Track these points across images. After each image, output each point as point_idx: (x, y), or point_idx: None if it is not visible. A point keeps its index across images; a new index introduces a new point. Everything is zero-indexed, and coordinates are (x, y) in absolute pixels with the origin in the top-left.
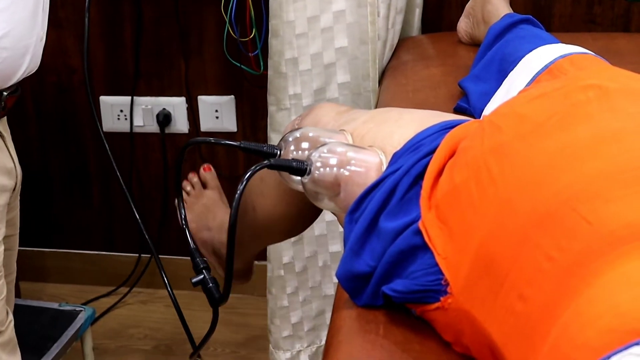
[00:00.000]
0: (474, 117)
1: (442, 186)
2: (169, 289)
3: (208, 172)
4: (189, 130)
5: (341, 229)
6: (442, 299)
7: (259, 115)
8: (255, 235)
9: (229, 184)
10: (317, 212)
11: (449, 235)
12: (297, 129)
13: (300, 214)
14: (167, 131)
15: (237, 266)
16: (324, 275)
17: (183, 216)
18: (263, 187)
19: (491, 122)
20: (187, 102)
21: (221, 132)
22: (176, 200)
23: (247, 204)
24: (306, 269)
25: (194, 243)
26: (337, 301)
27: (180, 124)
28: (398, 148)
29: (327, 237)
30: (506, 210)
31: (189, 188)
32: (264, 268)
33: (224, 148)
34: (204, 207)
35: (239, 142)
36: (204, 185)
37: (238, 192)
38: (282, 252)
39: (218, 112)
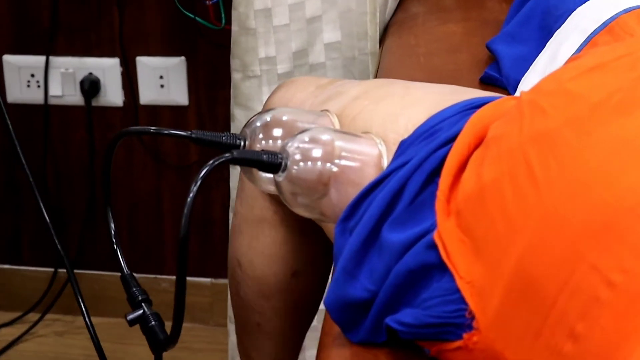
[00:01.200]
0: (508, 92)
1: (466, 186)
2: (85, 316)
3: None
4: (123, 102)
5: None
6: (465, 335)
7: (218, 84)
8: (260, 313)
9: (179, 177)
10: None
11: (475, 251)
12: (266, 111)
13: (303, 246)
14: (94, 103)
15: None
16: None
17: (113, 232)
18: (237, 221)
19: (532, 102)
20: (121, 64)
21: (168, 106)
22: (105, 209)
23: (232, 267)
24: None
25: (128, 269)
26: (324, 337)
27: (113, 94)
28: (405, 135)
29: None
30: (552, 220)
31: None
32: (223, 288)
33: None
34: None
35: (189, 132)
36: None
37: (189, 196)
38: None
39: (163, 79)
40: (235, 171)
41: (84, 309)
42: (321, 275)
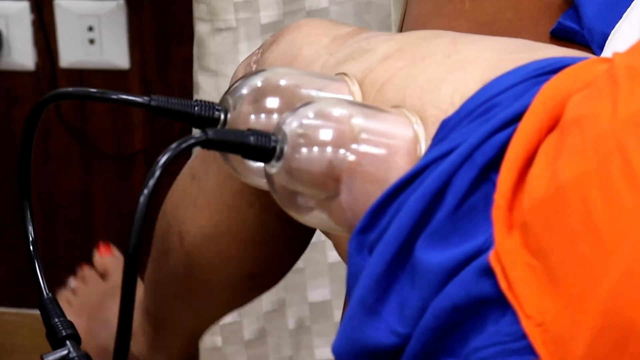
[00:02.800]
0: (591, 51)
1: (535, 187)
2: None
3: (107, 257)
4: (36, 65)
5: (337, 260)
6: None
7: (173, 39)
8: (186, 292)
9: (116, 171)
10: (307, 233)
11: (549, 280)
12: (256, 72)
13: (269, 239)
14: None
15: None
16: (298, 347)
17: (32, 236)
18: (195, 193)
19: (631, 69)
20: (32, 10)
21: (100, 70)
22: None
23: (169, 232)
24: (264, 334)
25: (49, 292)
26: None
27: (21, 53)
28: (450, 111)
29: (304, 274)
30: None
31: (74, 284)
32: None
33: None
34: (101, 300)
35: (146, 98)
36: (102, 275)
37: (144, 192)
38: None
39: (93, 32)
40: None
41: None
42: (282, 275)
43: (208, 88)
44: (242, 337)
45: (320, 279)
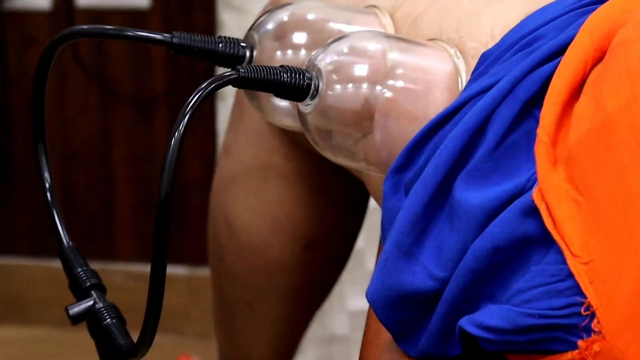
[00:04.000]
0: None
1: (581, 119)
2: None
3: None
4: (52, 4)
5: (371, 206)
6: (581, 343)
7: None
8: (251, 291)
9: (136, 116)
10: (357, 192)
11: (596, 216)
12: (282, 6)
13: (318, 196)
14: (6, 6)
15: None
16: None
17: (48, 182)
18: (231, 165)
19: None
20: None
21: (119, 10)
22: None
23: (217, 225)
24: None
25: (70, 240)
26: (366, 347)
27: None
28: (490, 44)
29: None
30: None
31: None
32: (204, 282)
33: (143, 53)
34: None
35: (167, 35)
36: None
37: (174, 138)
38: None
39: None
40: (224, 106)
41: None
42: (343, 247)
43: (232, 25)
44: None
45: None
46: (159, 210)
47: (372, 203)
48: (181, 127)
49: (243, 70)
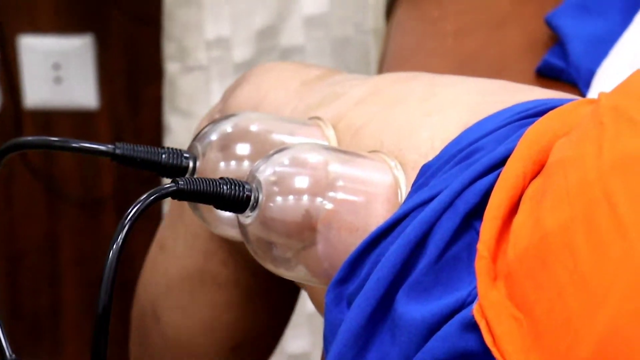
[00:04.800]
0: (578, 91)
1: (519, 235)
2: None
3: None
4: (0, 105)
5: (312, 312)
6: None
7: (142, 77)
8: None
9: (84, 217)
10: (289, 295)
11: (534, 334)
12: (226, 117)
13: (251, 302)
14: None
15: None
16: None
17: None
18: (165, 263)
19: (616, 110)
20: None
21: (67, 111)
22: None
23: (145, 316)
24: None
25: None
26: None
27: None
28: (430, 156)
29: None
30: None
31: None
32: None
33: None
34: None
35: (110, 146)
36: None
37: (112, 249)
38: None
39: (60, 70)
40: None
41: None
42: (270, 344)
43: (179, 129)
44: None
45: (298, 329)
46: (98, 322)
47: None
48: (120, 238)
49: (182, 183)
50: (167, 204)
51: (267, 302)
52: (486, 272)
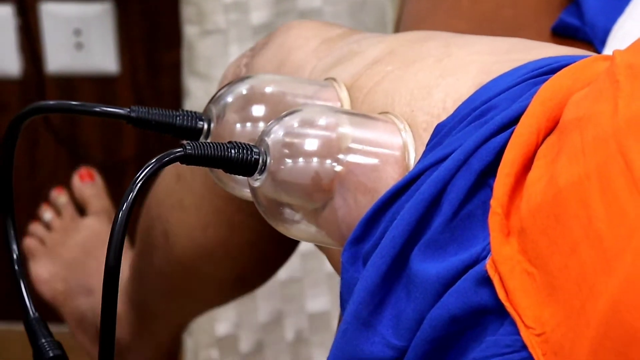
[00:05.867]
0: (594, 49)
1: (533, 192)
2: None
3: (88, 184)
4: (22, 71)
5: (331, 271)
6: None
7: (162, 41)
8: (172, 288)
9: (106, 180)
10: (292, 241)
11: (548, 288)
12: (242, 79)
13: (259, 242)
14: None
15: (145, 354)
16: (296, 359)
17: (16, 255)
18: (181, 193)
19: (633, 68)
20: (17, 14)
21: (88, 76)
22: (5, 222)
23: (154, 229)
24: (261, 347)
25: (35, 311)
26: None
27: (5, 60)
28: (443, 116)
29: (302, 284)
30: None
31: (48, 215)
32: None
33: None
34: (81, 251)
35: (126, 110)
36: (81, 210)
37: (121, 210)
38: (214, 316)
39: (81, 36)
40: None
41: None
42: (264, 278)
43: (198, 92)
44: (239, 350)
45: (319, 288)
46: (107, 279)
47: None
48: (129, 199)
49: (190, 148)
50: None
51: (276, 243)
52: (499, 228)
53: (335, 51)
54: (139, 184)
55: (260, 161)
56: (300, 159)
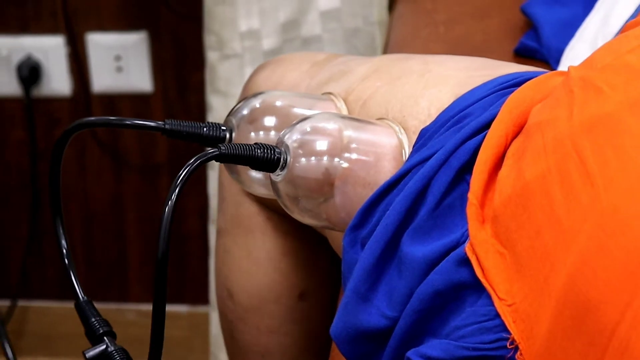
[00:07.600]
0: (549, 66)
1: (503, 185)
2: None
3: None
4: (72, 91)
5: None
6: None
7: (188, 65)
8: (265, 355)
9: (144, 180)
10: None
11: (517, 266)
12: (254, 96)
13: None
14: (35, 94)
15: None
16: None
17: (65, 249)
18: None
19: (584, 80)
20: (67, 43)
21: (127, 94)
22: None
23: (221, 292)
24: None
25: (84, 295)
26: None
27: (58, 81)
28: (427, 121)
29: None
30: (611, 225)
31: None
32: (202, 318)
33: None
34: None
35: (160, 123)
36: None
37: (167, 205)
38: None
39: (121, 61)
40: (214, 173)
41: (10, 353)
42: (332, 295)
43: (219, 108)
44: None
45: None
46: (158, 267)
47: None
48: (173, 196)
49: (224, 148)
50: (212, 178)
51: (320, 246)
52: (475, 217)
53: (326, 71)
54: (181, 183)
55: (282, 159)
56: (313, 158)
